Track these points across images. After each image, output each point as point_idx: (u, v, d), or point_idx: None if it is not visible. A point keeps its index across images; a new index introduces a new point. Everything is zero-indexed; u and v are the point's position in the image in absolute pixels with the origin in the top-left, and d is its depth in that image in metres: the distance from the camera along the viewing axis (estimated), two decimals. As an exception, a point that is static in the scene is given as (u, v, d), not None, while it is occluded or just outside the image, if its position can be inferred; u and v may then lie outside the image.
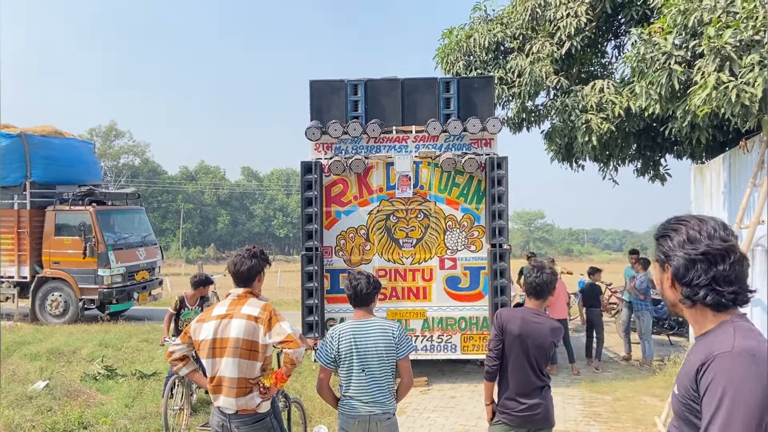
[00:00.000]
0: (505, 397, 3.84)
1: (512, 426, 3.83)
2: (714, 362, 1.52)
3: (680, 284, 1.67)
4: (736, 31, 6.15)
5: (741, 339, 1.54)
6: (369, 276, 3.91)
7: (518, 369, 3.80)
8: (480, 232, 8.60)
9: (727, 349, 1.52)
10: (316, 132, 8.48)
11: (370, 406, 3.67)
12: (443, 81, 8.73)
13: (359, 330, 3.76)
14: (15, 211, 13.68)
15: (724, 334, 1.58)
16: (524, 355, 3.81)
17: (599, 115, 9.13)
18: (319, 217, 8.35)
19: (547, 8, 9.76)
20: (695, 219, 1.70)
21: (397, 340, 3.70)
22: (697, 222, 1.68)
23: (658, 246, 1.74)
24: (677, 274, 1.67)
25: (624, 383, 8.52)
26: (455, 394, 8.08)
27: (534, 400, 3.84)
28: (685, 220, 1.71)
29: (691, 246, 1.65)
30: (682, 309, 1.71)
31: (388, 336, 3.70)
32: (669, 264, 1.69)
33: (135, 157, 62.57)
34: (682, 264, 1.65)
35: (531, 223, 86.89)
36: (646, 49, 7.16)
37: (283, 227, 67.78)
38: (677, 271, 1.66)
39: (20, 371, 8.86)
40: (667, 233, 1.72)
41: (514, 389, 3.81)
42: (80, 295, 13.40)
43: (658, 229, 1.77)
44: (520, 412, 3.81)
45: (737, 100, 6.04)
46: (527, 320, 3.83)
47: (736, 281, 1.62)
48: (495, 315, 3.94)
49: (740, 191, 7.30)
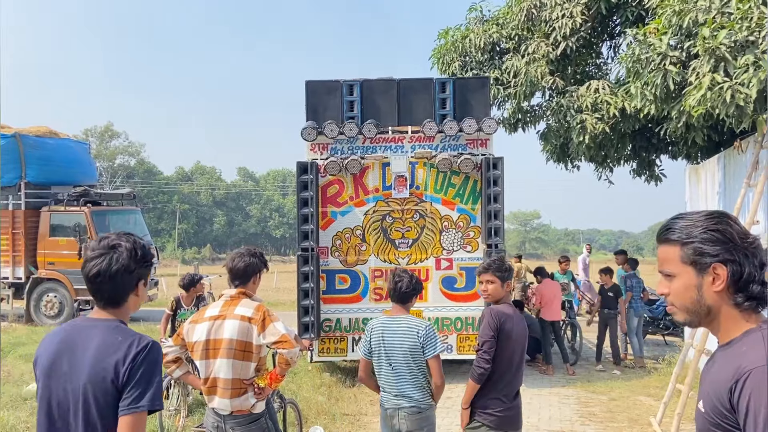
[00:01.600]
0: (489, 398, 3.76)
1: (491, 428, 3.76)
2: (749, 379, 1.40)
3: (735, 286, 1.53)
4: (730, 31, 6.17)
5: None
6: (413, 277, 4.02)
7: (508, 369, 3.79)
8: (476, 233, 8.61)
9: (761, 363, 1.41)
10: (311, 132, 8.47)
11: (397, 398, 3.82)
12: (439, 81, 8.73)
13: (388, 326, 3.91)
14: (10, 211, 13.65)
15: (754, 344, 1.47)
16: (516, 355, 3.82)
17: (594, 115, 9.15)
18: (315, 217, 8.34)
19: (543, 9, 9.78)
20: (726, 214, 1.60)
21: (423, 340, 3.76)
22: (734, 218, 1.58)
23: (698, 248, 1.55)
24: (735, 275, 1.53)
25: (619, 383, 8.54)
26: (451, 394, 8.07)
27: (515, 401, 3.86)
28: (724, 215, 1.59)
29: (747, 242, 1.54)
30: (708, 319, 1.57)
31: (414, 335, 3.79)
32: (724, 265, 1.53)
33: (131, 158, 62.45)
34: (744, 262, 1.53)
35: (527, 223, 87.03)
36: (641, 49, 7.18)
37: (279, 228, 67.72)
38: (737, 270, 1.53)
39: (15, 372, 8.83)
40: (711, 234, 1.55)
41: (501, 390, 3.78)
42: (75, 295, 13.37)
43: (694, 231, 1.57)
44: (501, 413, 3.78)
45: (732, 100, 6.06)
46: (516, 319, 3.84)
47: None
48: (490, 314, 3.79)
49: (735, 191, 7.33)
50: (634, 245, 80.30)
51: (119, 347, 2.04)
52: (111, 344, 2.05)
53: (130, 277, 2.14)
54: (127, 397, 2.00)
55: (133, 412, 1.99)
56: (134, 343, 2.06)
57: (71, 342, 2.10)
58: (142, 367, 2.02)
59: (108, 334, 2.08)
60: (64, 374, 2.06)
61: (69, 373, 2.06)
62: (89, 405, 2.01)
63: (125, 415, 1.99)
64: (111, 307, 2.17)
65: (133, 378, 2.00)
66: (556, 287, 9.62)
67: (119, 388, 2.01)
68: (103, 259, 2.11)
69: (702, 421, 1.54)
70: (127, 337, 2.07)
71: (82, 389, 2.02)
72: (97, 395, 2.01)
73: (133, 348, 2.04)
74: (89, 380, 2.02)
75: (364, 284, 8.61)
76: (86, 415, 2.02)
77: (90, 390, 2.01)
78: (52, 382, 2.08)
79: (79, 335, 2.11)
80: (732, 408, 1.44)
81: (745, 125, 6.42)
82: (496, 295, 3.84)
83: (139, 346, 2.05)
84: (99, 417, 2.01)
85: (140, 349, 2.04)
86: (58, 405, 2.07)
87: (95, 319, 2.16)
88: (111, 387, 2.01)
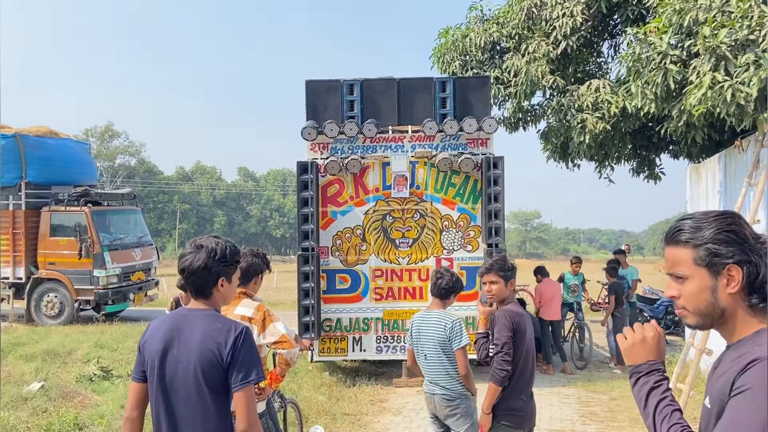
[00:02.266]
0: (511, 399, 3.76)
1: (515, 428, 3.78)
2: (756, 366, 1.40)
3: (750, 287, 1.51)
4: (731, 30, 6.16)
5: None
6: (454, 275, 4.32)
7: (525, 368, 3.82)
8: (476, 232, 8.60)
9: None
10: (312, 132, 8.46)
11: (432, 385, 4.18)
12: (439, 81, 8.72)
13: (422, 319, 4.27)
14: (10, 211, 13.64)
15: (762, 341, 1.46)
16: (531, 354, 3.84)
17: (595, 114, 9.14)
18: (316, 217, 8.34)
19: (543, 8, 9.77)
20: (736, 215, 1.58)
21: (449, 333, 4.08)
22: (743, 219, 1.57)
23: (712, 250, 1.53)
24: (751, 275, 1.51)
25: (620, 382, 8.53)
26: (452, 394, 8.07)
27: (532, 399, 3.89)
28: (736, 215, 1.58)
29: (759, 242, 1.53)
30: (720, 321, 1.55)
31: (442, 328, 4.12)
32: (739, 266, 1.50)
33: (131, 158, 62.39)
34: (759, 263, 1.51)
35: (527, 222, 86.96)
36: (641, 48, 7.17)
37: (279, 227, 67.70)
38: (753, 270, 1.50)
39: (15, 372, 8.82)
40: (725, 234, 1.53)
41: (522, 389, 3.82)
42: (76, 296, 13.36)
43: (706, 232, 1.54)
44: (523, 412, 3.81)
45: (732, 99, 6.05)
46: (527, 317, 3.87)
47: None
48: (504, 315, 3.75)
49: (736, 191, 7.32)
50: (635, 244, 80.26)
51: (220, 332, 2.43)
52: (213, 329, 2.44)
53: (209, 273, 2.50)
54: (237, 376, 2.39)
55: (245, 386, 2.39)
56: (232, 329, 2.44)
57: (178, 328, 2.49)
58: (243, 349, 2.41)
59: (208, 322, 2.47)
60: (175, 356, 2.45)
61: (178, 354, 2.44)
62: (200, 381, 2.41)
63: (239, 390, 2.39)
64: (202, 298, 2.55)
65: (237, 359, 2.39)
66: (556, 287, 9.61)
67: (225, 368, 2.40)
68: (189, 257, 2.51)
69: (707, 417, 1.53)
70: (225, 324, 2.47)
71: (192, 368, 2.41)
72: (205, 372, 2.40)
73: (232, 333, 2.42)
74: (198, 360, 2.40)
75: (364, 284, 8.60)
76: (198, 389, 2.42)
77: (200, 368, 2.40)
78: (165, 362, 2.46)
79: (184, 322, 2.51)
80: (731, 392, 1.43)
81: (745, 124, 6.41)
82: (500, 295, 3.82)
83: (237, 331, 2.44)
84: (207, 389, 2.41)
85: (238, 334, 2.43)
86: (171, 381, 2.45)
87: (194, 309, 2.55)
88: (217, 365, 2.40)
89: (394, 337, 8.54)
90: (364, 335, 8.55)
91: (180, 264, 2.54)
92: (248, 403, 2.40)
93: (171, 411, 2.46)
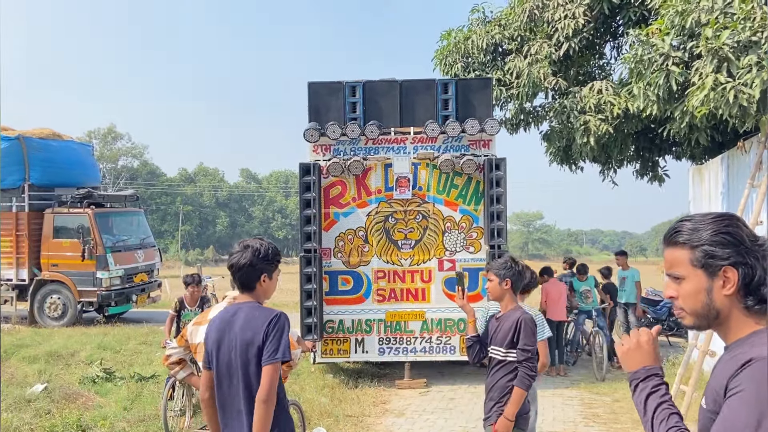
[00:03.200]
0: (524, 402, 3.80)
1: (524, 430, 3.85)
2: (750, 367, 1.41)
3: (745, 289, 1.52)
4: (733, 32, 6.16)
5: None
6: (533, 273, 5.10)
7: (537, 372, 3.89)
8: (479, 234, 8.60)
9: (765, 354, 1.41)
10: (314, 134, 8.48)
11: None
12: (441, 82, 8.73)
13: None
14: (13, 213, 13.67)
15: (758, 342, 1.47)
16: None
17: (597, 116, 9.13)
18: (318, 218, 8.34)
19: (545, 10, 9.77)
20: (735, 216, 1.58)
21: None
22: (742, 221, 1.57)
23: (708, 251, 1.54)
24: (747, 277, 1.51)
25: (623, 384, 8.51)
26: (454, 395, 8.07)
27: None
28: (734, 217, 1.58)
29: (757, 244, 1.53)
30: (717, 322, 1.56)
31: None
32: (735, 268, 1.51)
33: (134, 159, 62.56)
34: (755, 265, 1.51)
35: (530, 224, 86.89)
36: (643, 50, 7.17)
37: (281, 229, 67.76)
38: (749, 273, 1.51)
39: (18, 374, 8.84)
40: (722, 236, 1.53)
41: (531, 392, 3.95)
42: (79, 297, 13.38)
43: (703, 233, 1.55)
44: (527, 414, 3.90)
45: (735, 101, 6.05)
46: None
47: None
48: (530, 321, 3.77)
49: (738, 192, 7.31)
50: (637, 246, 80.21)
51: (259, 319, 2.82)
52: (253, 318, 2.83)
53: (254, 270, 2.87)
54: (266, 352, 2.76)
55: (270, 362, 2.75)
56: (269, 314, 2.84)
57: (228, 320, 2.89)
58: (274, 330, 2.78)
59: (250, 311, 2.87)
60: (227, 344, 2.84)
61: (229, 342, 2.84)
62: (246, 364, 2.80)
63: (265, 364, 2.76)
64: (247, 292, 2.93)
65: (269, 338, 2.77)
66: (562, 287, 9.57)
67: (262, 349, 2.78)
68: (236, 255, 2.88)
69: (704, 418, 1.54)
70: (263, 312, 2.87)
71: (239, 353, 2.80)
72: (249, 356, 2.79)
73: (268, 318, 2.81)
74: (243, 345, 2.80)
75: (366, 285, 8.60)
76: (246, 372, 2.80)
77: (246, 352, 2.79)
78: (220, 351, 2.86)
79: (232, 315, 2.90)
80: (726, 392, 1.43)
81: (748, 126, 6.41)
82: (494, 292, 3.92)
83: (271, 315, 2.82)
84: (253, 372, 2.80)
85: (272, 317, 2.82)
86: (227, 367, 2.85)
87: (241, 303, 2.96)
88: (258, 349, 2.78)
89: (396, 338, 8.54)
90: (366, 337, 8.55)
91: (228, 261, 2.93)
92: (271, 378, 2.74)
93: (228, 390, 2.86)
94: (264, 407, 2.73)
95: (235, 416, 2.86)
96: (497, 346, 3.84)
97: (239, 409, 2.84)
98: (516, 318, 3.78)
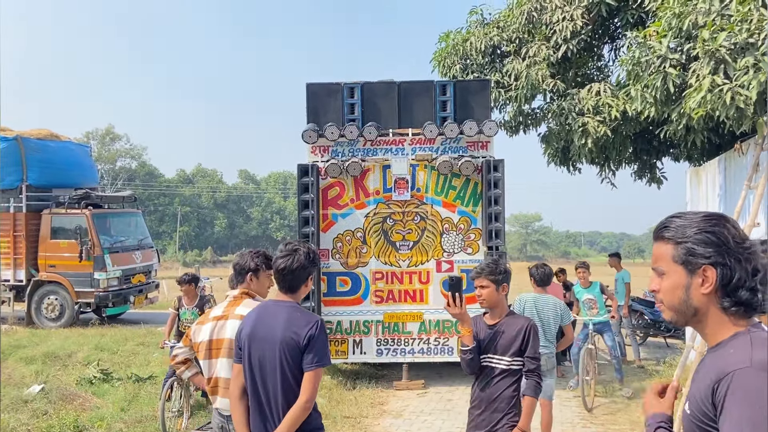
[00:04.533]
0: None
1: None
2: (731, 380, 1.40)
3: (723, 290, 1.52)
4: (730, 34, 6.18)
5: (759, 352, 1.42)
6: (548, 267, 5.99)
7: None
8: (477, 235, 8.61)
9: (745, 364, 1.40)
10: (312, 135, 8.49)
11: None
12: (440, 84, 8.75)
13: (540, 301, 5.76)
14: (11, 214, 13.67)
15: (740, 345, 1.46)
16: None
17: (596, 118, 9.15)
18: (316, 220, 8.35)
19: (543, 12, 9.79)
20: (724, 217, 1.57)
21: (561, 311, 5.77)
22: (732, 222, 1.56)
23: (690, 249, 1.55)
24: (725, 278, 1.51)
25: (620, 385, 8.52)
26: (452, 397, 8.07)
27: None
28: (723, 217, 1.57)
29: (742, 246, 1.52)
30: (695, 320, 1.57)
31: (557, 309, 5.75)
32: (714, 267, 1.51)
33: (132, 160, 62.45)
34: (735, 267, 1.50)
35: (528, 225, 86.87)
36: (641, 52, 7.19)
37: (280, 230, 67.66)
38: (727, 274, 1.51)
39: (16, 375, 8.83)
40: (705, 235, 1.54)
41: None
42: (76, 298, 13.38)
43: (689, 231, 1.56)
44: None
45: (732, 102, 6.06)
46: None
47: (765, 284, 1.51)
48: (534, 326, 3.66)
49: (735, 194, 7.33)
50: (635, 247, 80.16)
51: (301, 320, 2.91)
52: (295, 318, 2.93)
53: (304, 272, 2.99)
54: (309, 358, 2.85)
55: (314, 368, 2.86)
56: (310, 319, 2.93)
57: (264, 317, 2.99)
58: (317, 337, 2.88)
59: (291, 312, 2.96)
60: (262, 339, 2.93)
61: (265, 338, 2.92)
62: (283, 360, 2.88)
63: (309, 370, 2.86)
64: (289, 293, 3.03)
65: (313, 345, 2.86)
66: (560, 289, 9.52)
67: (302, 350, 2.87)
68: (287, 258, 2.97)
69: (687, 422, 1.54)
70: (304, 315, 2.97)
71: (278, 349, 2.88)
72: (287, 353, 2.87)
73: (310, 323, 2.90)
74: (281, 342, 2.87)
75: (364, 286, 8.61)
76: (282, 368, 2.89)
77: (284, 350, 2.88)
78: (253, 346, 2.95)
79: (269, 312, 3.00)
80: (714, 407, 1.43)
81: (745, 127, 6.43)
82: (490, 300, 3.64)
83: (313, 321, 2.92)
84: (288, 367, 2.88)
85: (314, 323, 2.90)
86: (259, 361, 2.93)
87: (279, 301, 3.03)
88: (296, 349, 2.87)
89: (394, 339, 8.54)
90: (364, 338, 8.55)
91: (278, 264, 2.99)
92: (314, 382, 2.87)
93: (260, 384, 2.94)
94: (302, 412, 2.84)
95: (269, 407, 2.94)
96: (499, 354, 3.60)
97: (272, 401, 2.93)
98: (523, 325, 3.60)
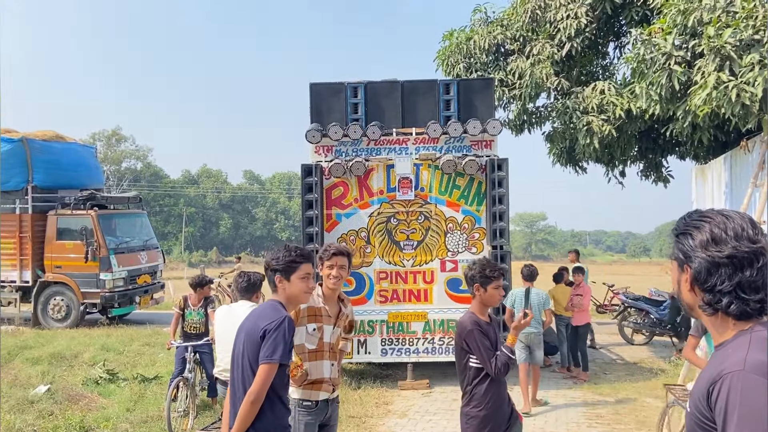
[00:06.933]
0: None
1: None
2: (725, 382, 1.38)
3: (701, 289, 1.51)
4: (735, 30, 6.14)
5: (756, 353, 1.39)
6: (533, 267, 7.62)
7: None
8: (481, 234, 8.59)
9: (738, 367, 1.38)
10: (316, 135, 8.48)
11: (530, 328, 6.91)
12: (443, 83, 8.73)
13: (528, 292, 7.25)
14: (17, 215, 13.72)
15: (739, 346, 1.44)
16: None
17: (600, 116, 9.12)
18: (320, 219, 8.34)
19: (547, 10, 9.76)
20: (721, 215, 1.53)
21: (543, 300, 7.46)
22: (722, 219, 1.51)
23: (677, 243, 1.56)
24: (698, 278, 1.50)
25: (626, 385, 8.49)
26: (457, 396, 7.99)
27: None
28: (709, 216, 1.54)
29: (715, 247, 1.48)
30: (701, 314, 1.55)
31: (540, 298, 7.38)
32: (689, 265, 1.52)
33: (137, 162, 62.64)
34: (705, 267, 1.48)
35: (533, 224, 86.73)
36: (645, 49, 7.15)
37: (284, 230, 67.75)
38: (698, 274, 1.50)
39: (22, 376, 8.86)
40: (688, 230, 1.54)
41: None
42: (82, 299, 13.42)
43: (677, 225, 1.59)
44: None
45: (737, 99, 6.03)
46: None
47: (763, 288, 1.44)
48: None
49: (741, 191, 7.29)
50: (641, 246, 79.93)
51: (267, 315, 2.99)
52: (265, 313, 3.03)
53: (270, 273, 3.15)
54: (263, 352, 2.88)
55: (266, 362, 2.87)
56: (276, 316, 2.97)
57: (252, 312, 3.19)
58: (271, 332, 2.88)
59: (266, 308, 3.08)
60: (240, 331, 3.08)
61: (241, 330, 3.08)
62: (245, 351, 2.97)
63: (261, 363, 2.88)
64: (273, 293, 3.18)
65: (267, 339, 2.88)
66: (586, 290, 9.46)
67: (259, 344, 2.91)
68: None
69: (689, 421, 1.54)
70: (274, 311, 3.01)
71: (242, 340, 3.01)
72: (246, 344, 2.96)
73: (273, 318, 2.94)
74: (246, 334, 3.01)
75: (369, 286, 8.60)
76: (243, 358, 2.98)
77: (246, 341, 2.98)
78: (237, 339, 3.08)
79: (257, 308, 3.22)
80: (710, 409, 1.43)
81: (751, 125, 6.40)
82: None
83: (276, 317, 2.95)
84: (248, 360, 2.95)
85: (276, 319, 2.93)
86: (234, 354, 3.07)
87: (269, 299, 3.18)
88: (255, 341, 2.93)
89: (399, 339, 8.53)
90: (369, 338, 8.54)
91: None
92: (263, 377, 2.84)
93: (233, 374, 3.05)
94: (248, 407, 2.85)
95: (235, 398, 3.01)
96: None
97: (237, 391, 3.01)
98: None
